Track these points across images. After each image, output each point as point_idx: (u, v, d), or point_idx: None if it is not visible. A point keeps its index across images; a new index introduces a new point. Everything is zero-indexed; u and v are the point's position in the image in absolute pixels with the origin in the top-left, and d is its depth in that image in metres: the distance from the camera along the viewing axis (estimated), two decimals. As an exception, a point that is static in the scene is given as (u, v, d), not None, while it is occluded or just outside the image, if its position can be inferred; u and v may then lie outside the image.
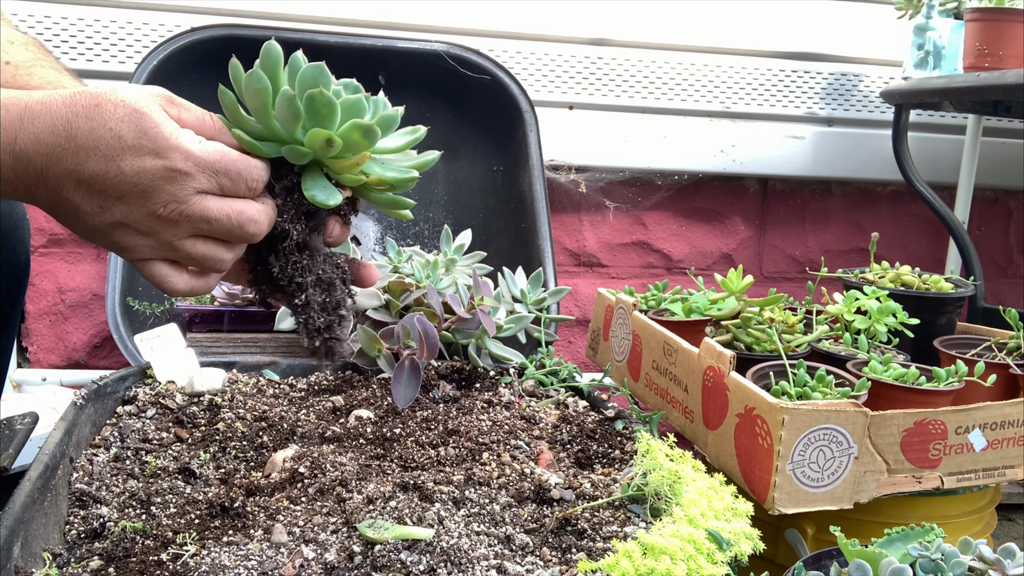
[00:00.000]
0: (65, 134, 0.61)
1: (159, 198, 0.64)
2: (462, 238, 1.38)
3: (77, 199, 0.64)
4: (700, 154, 1.86)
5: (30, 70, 0.82)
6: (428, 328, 1.03)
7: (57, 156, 0.62)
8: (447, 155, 1.68)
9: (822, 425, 0.90)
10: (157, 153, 0.63)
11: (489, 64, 1.59)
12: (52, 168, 0.62)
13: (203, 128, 0.68)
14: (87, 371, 1.63)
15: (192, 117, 0.68)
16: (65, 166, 0.62)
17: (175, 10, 1.59)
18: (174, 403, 1.02)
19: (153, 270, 0.69)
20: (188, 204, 0.65)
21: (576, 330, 1.93)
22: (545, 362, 1.21)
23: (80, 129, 0.62)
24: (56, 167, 0.62)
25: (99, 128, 0.62)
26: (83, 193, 0.63)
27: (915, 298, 1.28)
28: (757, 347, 1.16)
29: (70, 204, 0.64)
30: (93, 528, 0.76)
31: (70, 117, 0.62)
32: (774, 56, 1.87)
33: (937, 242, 2.07)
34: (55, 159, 0.62)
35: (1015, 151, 2.01)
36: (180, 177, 0.64)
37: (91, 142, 0.62)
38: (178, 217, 0.65)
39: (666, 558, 0.68)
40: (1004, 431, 1.00)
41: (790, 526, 1.01)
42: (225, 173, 0.66)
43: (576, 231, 1.89)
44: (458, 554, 0.68)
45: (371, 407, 1.04)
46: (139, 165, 0.63)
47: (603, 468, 0.91)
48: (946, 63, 1.65)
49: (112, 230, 0.66)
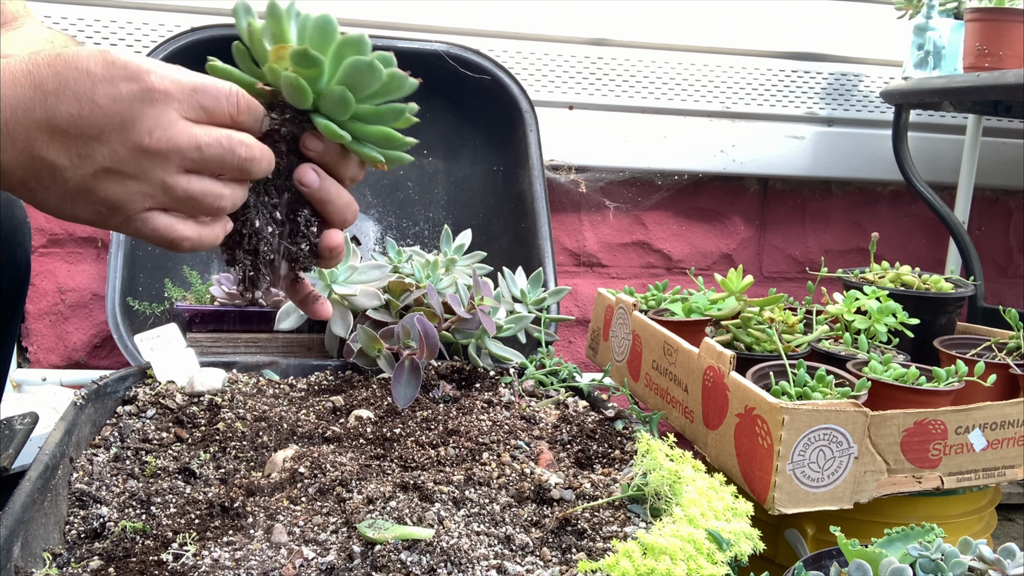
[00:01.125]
0: (29, 83, 0.57)
1: (142, 125, 0.59)
2: (462, 238, 1.38)
3: (52, 154, 0.59)
4: (700, 154, 1.86)
5: None
6: (428, 328, 1.03)
7: (25, 108, 0.57)
8: (447, 155, 1.68)
9: (822, 425, 0.90)
10: (131, 78, 0.58)
11: (489, 64, 1.59)
12: (20, 122, 0.57)
13: None
14: (87, 371, 1.63)
15: None
16: (34, 117, 0.58)
17: (175, 10, 1.59)
18: (174, 403, 1.02)
19: (156, 223, 0.62)
20: (174, 129, 0.60)
21: (576, 330, 1.93)
22: (545, 362, 1.21)
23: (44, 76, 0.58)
24: (24, 120, 0.57)
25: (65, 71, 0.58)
26: (58, 144, 0.58)
27: (915, 298, 1.28)
28: (757, 347, 1.16)
29: (45, 164, 0.59)
30: (93, 528, 0.76)
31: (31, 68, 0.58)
32: (774, 56, 1.87)
33: (937, 242, 2.07)
34: (23, 111, 0.57)
35: (1015, 151, 2.01)
36: (160, 98, 0.59)
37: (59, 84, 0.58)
38: (165, 146, 0.60)
39: (666, 558, 0.68)
40: (1004, 431, 1.00)
41: (790, 526, 1.01)
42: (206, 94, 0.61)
43: (576, 231, 1.89)
44: (458, 554, 0.68)
45: (371, 407, 1.04)
46: (114, 92, 0.58)
47: (603, 468, 0.91)
48: (946, 63, 1.65)
49: (97, 182, 0.60)
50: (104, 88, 0.58)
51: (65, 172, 0.59)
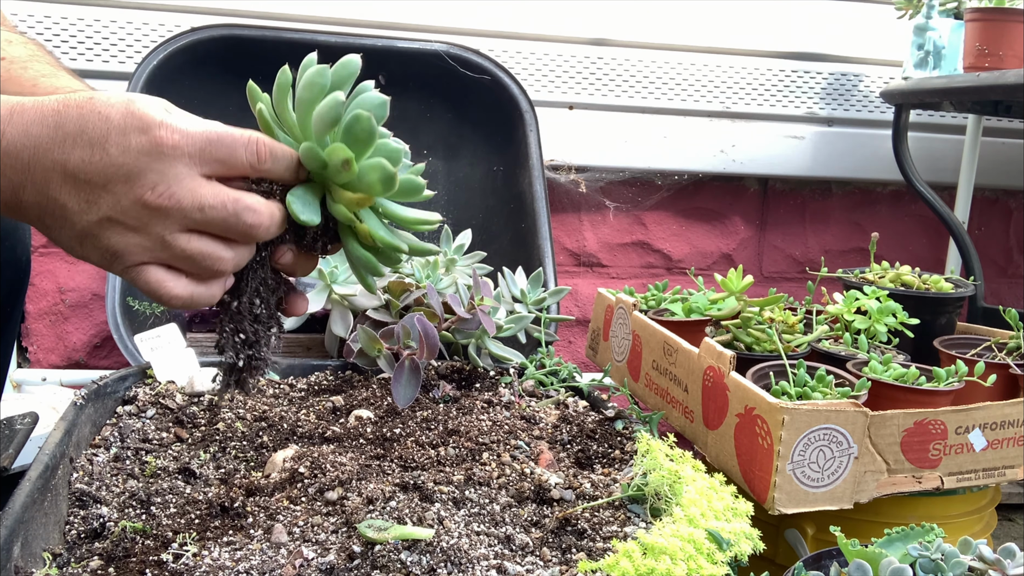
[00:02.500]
0: (54, 123, 0.59)
1: (146, 179, 0.59)
2: (462, 238, 1.38)
3: (64, 196, 0.60)
4: (700, 154, 1.86)
5: (25, 64, 0.81)
6: (428, 328, 1.03)
7: (45, 147, 0.59)
8: (447, 155, 1.68)
9: (822, 425, 0.90)
10: (142, 129, 0.59)
11: (489, 64, 1.59)
12: (39, 160, 0.59)
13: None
14: (87, 371, 1.63)
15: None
16: (52, 157, 0.59)
17: (175, 10, 1.59)
18: (174, 403, 1.02)
19: (148, 276, 0.62)
20: (179, 186, 0.59)
21: (576, 330, 1.93)
22: (545, 362, 1.21)
23: (69, 118, 0.59)
24: (43, 159, 0.59)
25: (88, 114, 0.59)
26: (69, 188, 0.60)
27: (915, 298, 1.28)
28: (757, 347, 1.16)
29: (57, 204, 0.60)
30: (93, 528, 0.76)
31: (60, 109, 0.59)
32: (774, 56, 1.87)
33: (937, 242, 2.07)
34: (43, 150, 0.59)
35: (1015, 151, 2.01)
36: (168, 152, 0.59)
37: (78, 127, 0.59)
38: (167, 203, 0.59)
39: (666, 558, 0.68)
40: (1004, 431, 1.00)
41: (790, 526, 1.01)
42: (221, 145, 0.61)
43: (576, 231, 1.89)
44: (458, 554, 0.68)
45: (371, 407, 1.04)
46: (124, 143, 0.59)
47: (603, 468, 0.91)
48: (946, 63, 1.65)
49: (101, 229, 0.61)
50: (116, 138, 0.59)
51: (73, 216, 0.60)
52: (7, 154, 0.58)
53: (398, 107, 0.75)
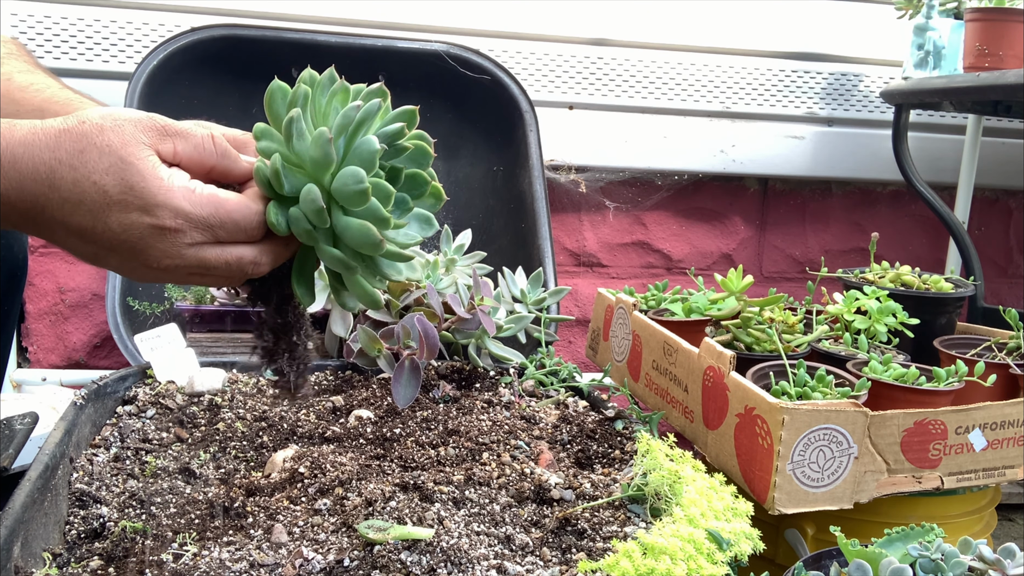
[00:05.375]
0: (48, 183, 0.59)
1: (151, 254, 0.62)
2: (462, 238, 1.38)
3: (71, 244, 0.62)
4: (700, 154, 1.86)
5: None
6: (428, 328, 1.03)
7: (42, 205, 0.60)
8: (447, 155, 1.68)
9: (822, 425, 0.90)
10: (144, 209, 0.60)
11: (489, 64, 1.59)
12: (40, 215, 0.60)
13: (203, 156, 0.65)
14: (87, 371, 1.63)
15: (190, 147, 0.64)
16: (52, 215, 0.60)
17: (175, 10, 1.59)
18: (174, 403, 1.02)
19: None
20: (183, 258, 0.63)
21: (576, 330, 1.93)
22: (545, 362, 1.21)
23: (64, 180, 0.59)
24: (43, 215, 0.60)
25: (83, 181, 0.59)
26: (75, 240, 0.62)
27: (915, 298, 1.28)
28: (757, 347, 1.16)
29: (65, 246, 0.63)
30: (93, 528, 0.76)
31: (53, 164, 0.59)
32: (774, 56, 1.87)
33: (937, 242, 2.07)
34: (40, 207, 0.60)
35: (1015, 151, 2.01)
36: (170, 235, 0.61)
37: (75, 196, 0.59)
38: (174, 268, 0.63)
39: (666, 558, 0.68)
40: (1004, 431, 1.00)
41: (790, 526, 1.01)
42: (221, 225, 0.63)
43: (576, 231, 1.89)
44: (458, 554, 0.68)
45: (371, 407, 1.04)
46: (126, 221, 0.60)
47: (603, 468, 0.91)
48: (946, 63, 1.65)
49: (110, 269, 0.66)
50: (117, 215, 0.60)
51: (82, 257, 0.65)
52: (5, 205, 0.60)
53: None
